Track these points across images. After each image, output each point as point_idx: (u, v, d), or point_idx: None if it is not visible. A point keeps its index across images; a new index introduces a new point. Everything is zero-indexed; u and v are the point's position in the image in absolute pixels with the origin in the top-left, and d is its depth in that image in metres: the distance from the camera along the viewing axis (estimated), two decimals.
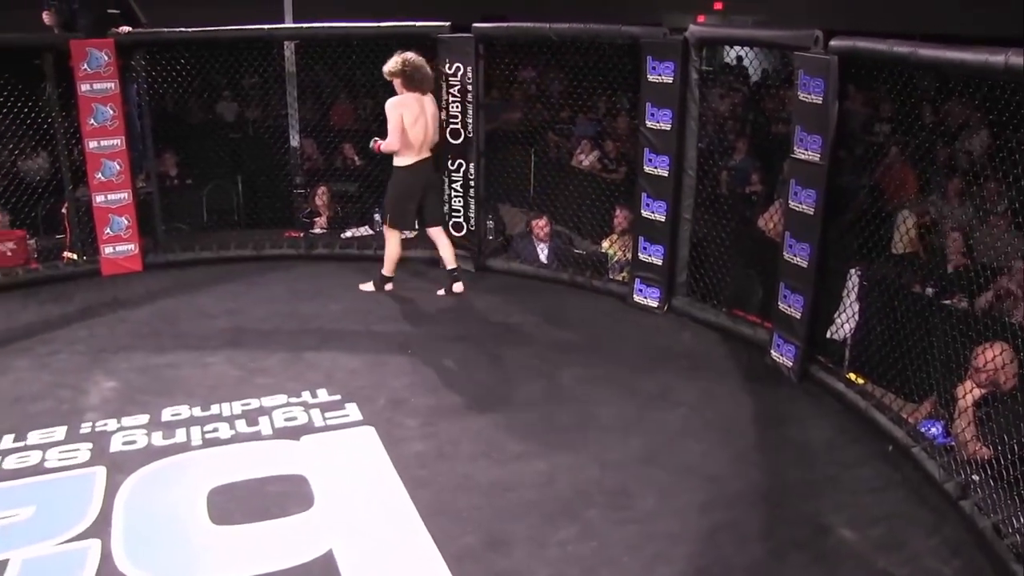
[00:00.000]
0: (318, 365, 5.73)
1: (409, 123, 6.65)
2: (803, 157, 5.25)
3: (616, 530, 4.03)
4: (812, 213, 5.23)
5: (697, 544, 3.94)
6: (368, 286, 7.11)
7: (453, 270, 7.04)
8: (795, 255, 5.40)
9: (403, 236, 7.10)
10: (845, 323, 5.66)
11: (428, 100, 6.81)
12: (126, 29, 7.46)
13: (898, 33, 5.47)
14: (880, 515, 4.16)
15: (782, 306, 5.58)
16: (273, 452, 4.74)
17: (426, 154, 6.83)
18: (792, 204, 5.38)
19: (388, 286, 7.09)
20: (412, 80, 6.68)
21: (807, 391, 5.42)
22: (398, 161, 6.78)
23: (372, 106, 9.37)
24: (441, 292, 7.03)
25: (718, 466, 4.56)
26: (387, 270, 7.07)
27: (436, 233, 7.13)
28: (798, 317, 5.45)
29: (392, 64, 6.69)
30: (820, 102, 5.08)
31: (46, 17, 7.44)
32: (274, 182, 9.02)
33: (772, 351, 5.72)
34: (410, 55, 6.71)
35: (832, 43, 5.05)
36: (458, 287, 7.01)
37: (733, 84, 12.20)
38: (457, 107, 7.26)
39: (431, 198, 7.05)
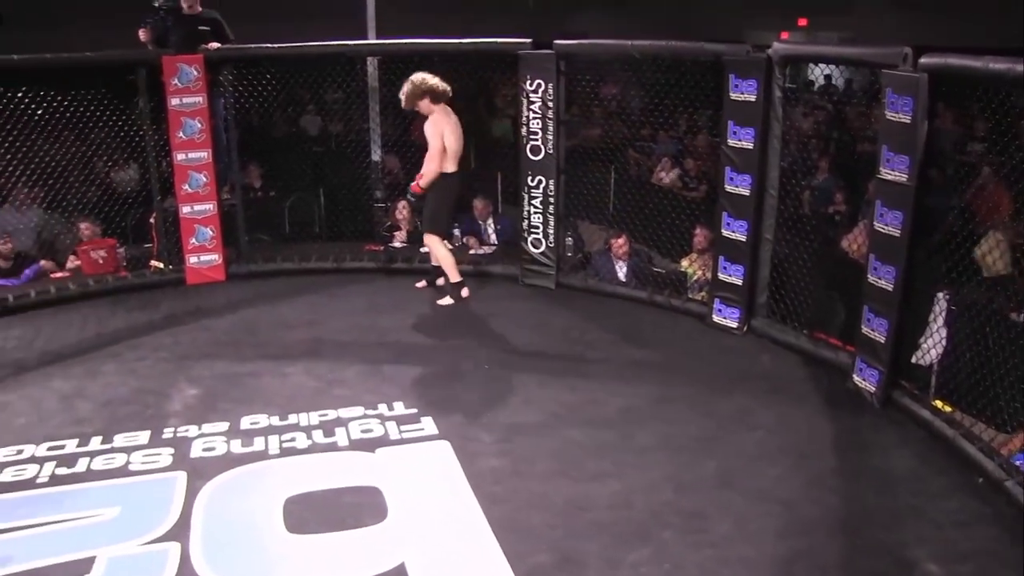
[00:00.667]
0: (395, 378, 5.77)
1: (450, 137, 6.87)
2: (890, 177, 5.13)
3: (690, 553, 3.97)
4: (898, 235, 5.11)
5: (772, 571, 3.86)
6: (446, 300, 7.16)
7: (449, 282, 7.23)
8: (880, 278, 5.28)
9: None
10: (931, 348, 5.50)
11: (450, 110, 6.97)
12: (215, 45, 7.64)
13: (993, 49, 5.30)
14: (968, 551, 4.01)
15: (865, 329, 5.46)
16: (349, 463, 4.78)
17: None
18: (877, 225, 5.26)
19: (464, 291, 7.17)
20: (437, 94, 6.88)
21: (890, 418, 5.27)
22: (444, 170, 6.94)
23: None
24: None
25: (795, 492, 4.47)
26: (454, 276, 7.15)
27: None
28: (882, 341, 5.33)
29: (411, 88, 6.88)
30: (908, 121, 4.96)
31: (142, 34, 7.65)
32: (355, 195, 9.13)
33: (854, 375, 5.60)
34: (417, 75, 6.91)
35: (922, 60, 4.92)
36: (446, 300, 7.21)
37: (817, 102, 12.05)
38: (537, 123, 7.27)
39: None
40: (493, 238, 8.81)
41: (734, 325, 6.59)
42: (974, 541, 4.09)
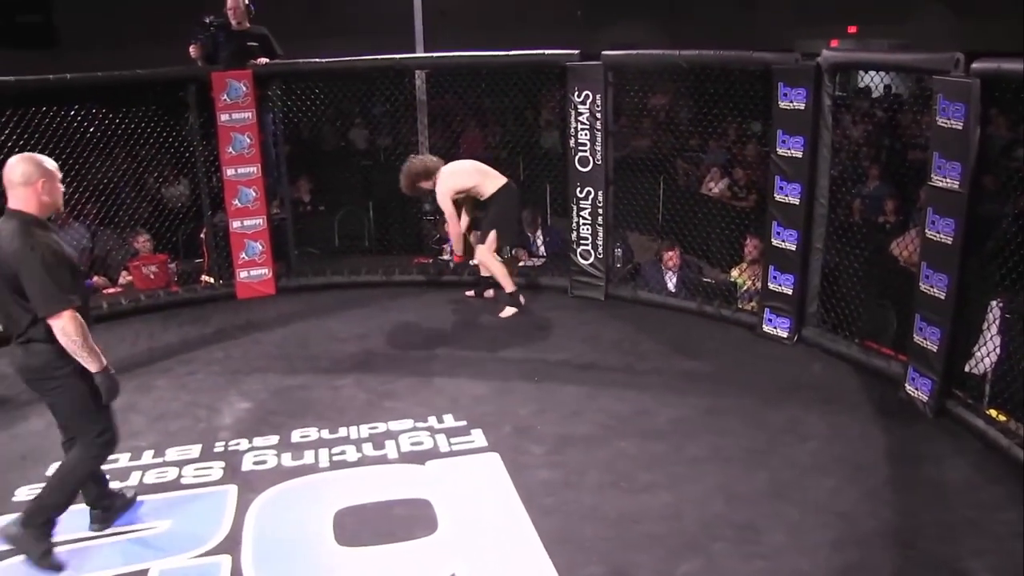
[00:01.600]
0: (445, 391, 5.79)
1: (460, 179, 7.15)
2: (941, 185, 5.07)
3: (743, 566, 3.94)
4: (951, 243, 5.04)
5: None
6: (508, 312, 7.20)
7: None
8: (932, 286, 5.21)
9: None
10: (985, 356, 5.41)
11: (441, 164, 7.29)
12: (264, 60, 7.73)
13: None
14: None
15: (918, 338, 5.39)
16: (399, 476, 4.81)
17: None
18: (929, 233, 5.20)
19: (521, 298, 7.20)
20: (429, 171, 7.18)
21: (944, 427, 5.20)
22: (495, 186, 7.13)
23: (501, 134, 9.48)
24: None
25: (848, 503, 4.41)
26: (510, 286, 7.17)
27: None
28: (935, 350, 5.25)
29: (405, 179, 7.21)
30: (960, 127, 4.89)
31: (193, 50, 7.77)
32: (404, 209, 9.19)
33: (907, 385, 5.53)
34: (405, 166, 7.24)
35: (974, 66, 4.85)
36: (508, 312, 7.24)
37: (867, 110, 11.93)
38: (586, 135, 7.27)
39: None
40: (542, 250, 8.82)
41: (785, 335, 6.54)
42: None
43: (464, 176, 7.13)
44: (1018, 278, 5.19)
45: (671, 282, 7.63)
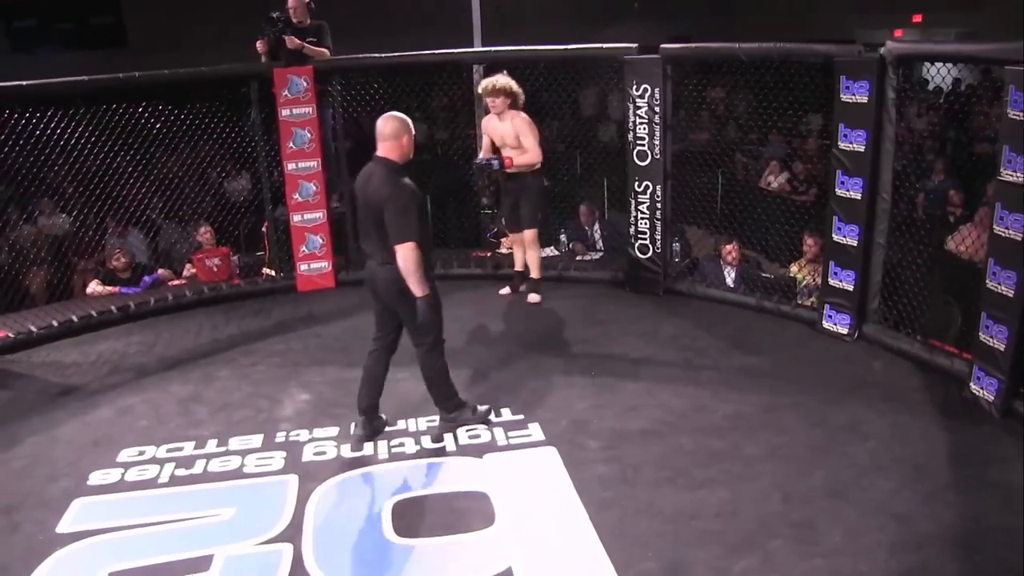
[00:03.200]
0: (503, 384, 5.81)
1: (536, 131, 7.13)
2: (1011, 179, 4.96)
3: (799, 564, 3.91)
4: (1020, 239, 4.93)
5: None
6: (537, 297, 7.36)
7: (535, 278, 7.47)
8: (1000, 283, 5.11)
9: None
10: None
11: None
12: (296, 43, 7.69)
13: None
14: None
15: (984, 336, 5.28)
16: (456, 469, 4.85)
17: None
18: (997, 229, 5.09)
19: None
20: (517, 101, 7.10)
21: (1011, 428, 5.08)
22: (535, 168, 7.13)
23: (558, 128, 9.46)
24: (506, 291, 7.62)
25: (909, 505, 4.35)
26: (539, 273, 7.43)
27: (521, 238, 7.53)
28: (1002, 349, 5.15)
29: (511, 83, 7.04)
30: None
31: (259, 45, 7.81)
32: (462, 202, 9.21)
33: (972, 384, 5.42)
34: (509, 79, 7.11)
35: None
36: (533, 297, 7.43)
37: (932, 102, 11.72)
38: (644, 128, 7.22)
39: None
40: (599, 244, 8.80)
41: (845, 332, 6.45)
42: None
43: (536, 134, 7.14)
44: None
45: (730, 277, 7.57)
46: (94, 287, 8.01)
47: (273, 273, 8.22)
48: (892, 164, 6.10)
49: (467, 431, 5.19)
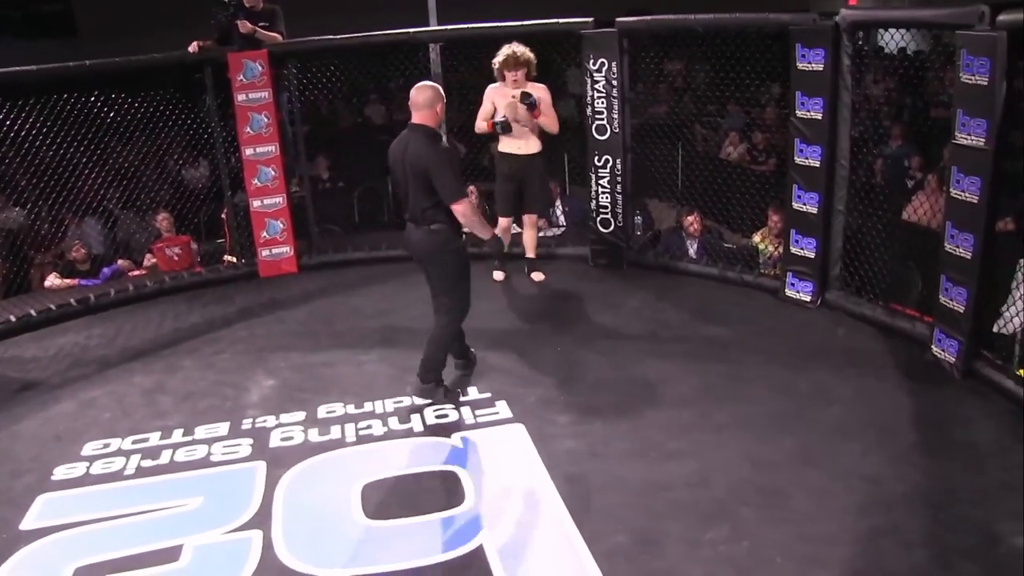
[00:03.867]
0: None
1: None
2: (966, 142, 5.00)
3: (769, 531, 3.94)
4: (976, 202, 4.98)
5: (855, 548, 3.81)
6: (540, 275, 7.33)
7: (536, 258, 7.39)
8: (957, 246, 5.15)
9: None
10: (1014, 316, 5.36)
11: None
12: (248, 27, 7.58)
13: None
14: None
15: (944, 299, 5.34)
16: (425, 449, 4.84)
17: None
18: (954, 192, 5.13)
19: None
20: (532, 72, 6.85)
21: (972, 389, 5.15)
22: (541, 150, 6.98)
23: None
24: (500, 276, 7.38)
25: (876, 467, 4.39)
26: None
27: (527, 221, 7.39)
28: (961, 311, 5.20)
29: (531, 54, 6.80)
30: (986, 83, 4.81)
31: (241, 27, 7.62)
32: None
33: (933, 347, 5.48)
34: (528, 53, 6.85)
35: (1000, 18, 4.75)
36: (539, 275, 7.35)
37: (888, 67, 11.77)
38: (603, 103, 7.22)
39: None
40: (562, 220, 8.78)
41: (808, 299, 6.50)
42: None
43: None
44: None
45: (692, 248, 7.60)
46: (52, 280, 7.89)
47: (235, 260, 8.14)
48: (849, 131, 6.14)
49: (435, 411, 5.17)
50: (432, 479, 4.52)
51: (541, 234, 8.41)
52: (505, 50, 6.77)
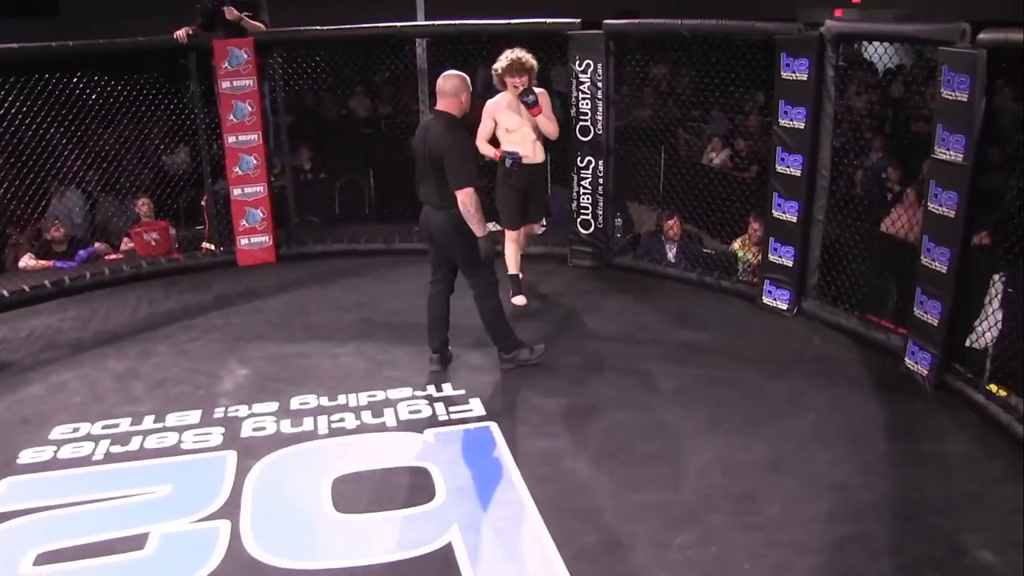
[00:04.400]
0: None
1: None
2: (944, 157, 5.03)
3: (738, 536, 3.95)
4: (953, 216, 5.01)
5: (822, 555, 3.83)
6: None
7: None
8: (934, 259, 5.19)
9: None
10: (987, 331, 5.40)
11: None
12: (235, 13, 7.56)
13: None
14: None
15: (918, 312, 5.37)
16: (397, 444, 4.82)
17: None
18: (932, 206, 5.17)
19: None
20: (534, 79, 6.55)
21: (943, 402, 5.19)
22: (544, 156, 6.79)
23: None
24: (521, 301, 6.79)
25: (847, 476, 4.42)
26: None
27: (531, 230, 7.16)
28: (935, 324, 5.24)
29: (531, 58, 6.47)
30: (965, 99, 4.84)
31: (227, 13, 7.56)
32: (405, 177, 9.13)
33: (906, 358, 5.52)
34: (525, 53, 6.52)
35: (981, 36, 4.79)
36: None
37: (870, 81, 11.84)
38: (587, 104, 7.23)
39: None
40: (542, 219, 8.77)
41: (784, 307, 6.52)
42: None
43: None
44: (1021, 252, 5.17)
45: (671, 252, 7.61)
46: (27, 261, 7.83)
47: (213, 247, 8.11)
48: (831, 141, 6.16)
49: (408, 407, 5.16)
50: (403, 475, 4.50)
51: None
52: (508, 55, 6.44)
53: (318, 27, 7.93)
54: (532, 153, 6.62)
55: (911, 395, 5.30)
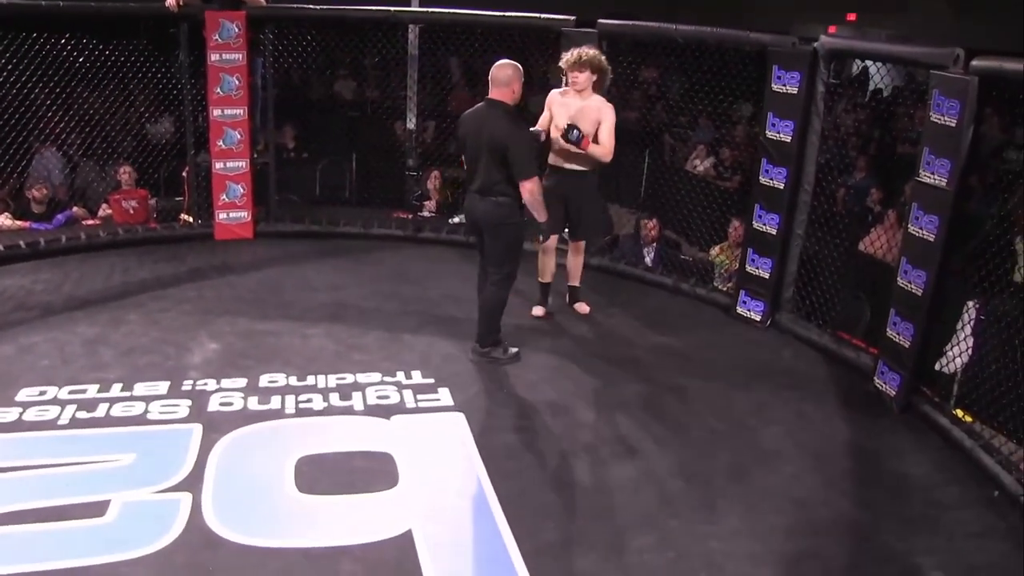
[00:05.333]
0: (415, 347, 5.78)
1: None
2: (928, 181, 5.06)
3: (696, 544, 3.97)
4: (932, 240, 5.04)
5: (777, 569, 3.85)
6: (584, 307, 6.70)
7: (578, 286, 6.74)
8: (910, 281, 5.23)
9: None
10: (957, 356, 5.44)
11: None
12: None
13: None
14: (979, 564, 3.98)
15: (890, 333, 5.41)
16: (363, 428, 4.81)
17: None
18: (912, 229, 5.20)
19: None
20: (604, 83, 6.16)
21: (909, 423, 5.23)
22: (592, 165, 6.20)
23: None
24: (540, 311, 6.54)
25: (807, 491, 4.45)
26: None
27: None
28: (907, 346, 5.28)
29: (603, 58, 6.10)
30: (954, 125, 4.87)
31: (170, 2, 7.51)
32: (388, 162, 9.13)
33: (876, 378, 5.56)
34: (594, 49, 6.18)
35: (974, 63, 4.82)
36: (583, 307, 6.69)
37: (859, 100, 11.91)
38: None
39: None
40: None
41: (758, 318, 6.55)
42: (985, 554, 4.06)
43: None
44: (996, 280, 5.22)
45: (648, 256, 7.63)
46: (3, 221, 7.76)
47: (191, 219, 8.05)
48: (816, 157, 6.19)
49: (376, 392, 5.16)
50: (367, 459, 4.49)
51: None
52: (573, 49, 6.08)
53: (312, 6, 7.88)
54: (570, 159, 6.10)
55: (877, 414, 5.35)
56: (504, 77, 5.27)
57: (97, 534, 3.82)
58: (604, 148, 6.00)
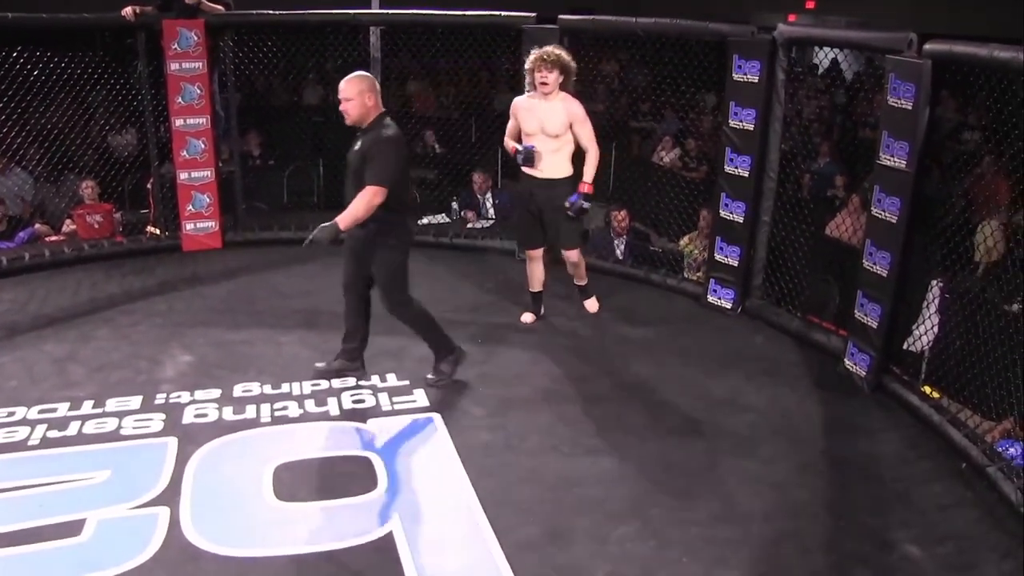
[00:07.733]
0: (389, 350, 5.76)
1: None
2: (889, 164, 5.12)
3: (676, 531, 4.00)
4: (895, 222, 5.11)
5: (758, 551, 3.89)
6: (595, 304, 6.64)
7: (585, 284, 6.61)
8: (875, 263, 5.29)
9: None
10: (923, 335, 5.52)
11: None
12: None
13: (1000, 38, 5.17)
14: (949, 534, 4.05)
15: (858, 314, 5.47)
16: (340, 433, 4.81)
17: None
18: (875, 211, 5.26)
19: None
20: (569, 82, 5.93)
21: (879, 402, 5.30)
22: (568, 172, 6.03)
23: (454, 94, 9.40)
24: (529, 318, 6.40)
25: (783, 474, 4.50)
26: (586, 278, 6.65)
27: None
28: (874, 327, 5.34)
29: (568, 56, 5.90)
30: (910, 108, 4.94)
31: (126, 12, 7.41)
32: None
33: (846, 360, 5.62)
34: (558, 49, 5.97)
35: (927, 47, 4.89)
36: (593, 304, 6.62)
37: (820, 86, 12.00)
38: None
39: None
40: (491, 212, 8.81)
41: (729, 306, 6.60)
42: (955, 524, 4.14)
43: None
44: (958, 259, 5.29)
45: (619, 249, 7.66)
46: None
47: (158, 232, 7.98)
48: (780, 144, 6.24)
49: (352, 396, 5.16)
50: (345, 464, 4.50)
51: (469, 226, 8.40)
52: (536, 49, 5.91)
53: (270, 11, 7.85)
54: (543, 167, 5.93)
55: (849, 395, 5.41)
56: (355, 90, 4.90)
57: (73, 554, 3.78)
58: (592, 151, 5.89)
